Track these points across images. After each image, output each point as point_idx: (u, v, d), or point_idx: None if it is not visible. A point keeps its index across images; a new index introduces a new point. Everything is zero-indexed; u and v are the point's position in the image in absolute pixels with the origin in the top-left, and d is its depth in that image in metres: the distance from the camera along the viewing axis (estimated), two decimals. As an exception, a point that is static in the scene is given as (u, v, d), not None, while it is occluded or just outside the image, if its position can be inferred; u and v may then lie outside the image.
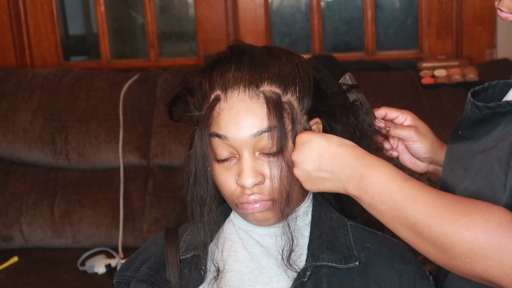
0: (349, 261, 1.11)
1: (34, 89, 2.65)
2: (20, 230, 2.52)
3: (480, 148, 1.04)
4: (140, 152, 2.58)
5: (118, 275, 1.24)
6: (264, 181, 1.08)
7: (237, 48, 1.13)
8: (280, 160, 1.07)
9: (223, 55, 1.12)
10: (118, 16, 3.18)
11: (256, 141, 1.07)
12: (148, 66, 2.93)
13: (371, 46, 2.86)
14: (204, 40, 2.90)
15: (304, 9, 2.99)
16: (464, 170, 1.05)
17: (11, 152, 2.62)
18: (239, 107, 1.06)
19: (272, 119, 1.06)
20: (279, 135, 1.06)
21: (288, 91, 1.09)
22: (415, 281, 1.11)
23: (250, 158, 1.07)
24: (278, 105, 1.06)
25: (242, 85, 1.07)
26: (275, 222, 1.12)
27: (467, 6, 2.71)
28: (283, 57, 1.12)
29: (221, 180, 1.10)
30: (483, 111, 1.05)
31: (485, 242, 0.92)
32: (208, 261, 1.16)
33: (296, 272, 1.10)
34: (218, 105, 1.08)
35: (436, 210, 0.96)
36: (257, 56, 1.10)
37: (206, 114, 1.08)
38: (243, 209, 1.10)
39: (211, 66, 1.12)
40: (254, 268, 1.14)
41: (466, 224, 0.94)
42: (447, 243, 0.95)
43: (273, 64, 1.09)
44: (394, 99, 2.53)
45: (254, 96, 1.07)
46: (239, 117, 1.06)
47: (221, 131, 1.07)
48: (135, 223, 2.51)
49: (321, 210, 1.17)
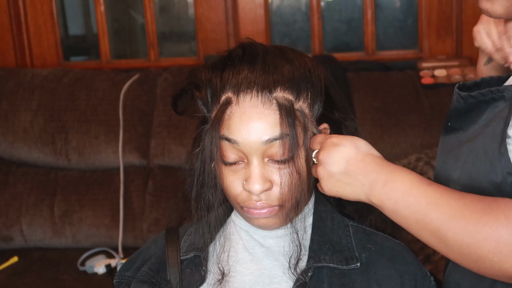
0: (351, 262, 1.11)
1: (34, 89, 2.64)
2: (20, 230, 2.52)
3: (467, 137, 1.05)
4: (140, 152, 2.58)
5: (119, 275, 1.24)
6: (272, 187, 1.07)
7: (249, 48, 1.11)
8: (291, 168, 1.06)
9: (234, 54, 1.10)
10: (118, 16, 3.18)
11: (267, 148, 1.05)
12: (148, 66, 2.92)
13: (371, 46, 2.86)
14: (204, 40, 2.90)
15: (304, 9, 2.98)
16: (455, 160, 1.06)
17: (11, 152, 2.62)
18: (251, 112, 1.05)
19: (285, 127, 1.04)
20: (291, 143, 1.05)
21: (300, 97, 1.08)
22: (416, 281, 1.11)
23: (259, 165, 1.06)
24: (291, 113, 1.05)
25: (255, 89, 1.05)
26: (279, 226, 1.12)
27: (467, 6, 2.71)
28: (296, 61, 1.10)
29: (227, 183, 1.09)
30: (467, 101, 1.06)
31: (509, 239, 0.92)
32: (209, 262, 1.16)
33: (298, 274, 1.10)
34: (230, 108, 1.06)
35: (460, 211, 0.96)
36: (271, 59, 1.08)
37: (217, 116, 1.07)
38: (248, 213, 1.10)
39: (222, 64, 1.10)
40: (255, 269, 1.14)
41: (489, 222, 0.93)
42: (473, 243, 0.95)
43: (287, 68, 1.08)
44: (394, 99, 2.53)
45: (266, 102, 1.05)
46: (250, 122, 1.05)
47: (232, 135, 1.06)
48: (135, 223, 2.51)
49: (323, 211, 1.17)
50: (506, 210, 0.93)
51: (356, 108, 2.53)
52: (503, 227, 0.92)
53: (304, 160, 1.08)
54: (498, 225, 0.93)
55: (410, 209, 1.00)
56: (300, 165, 1.07)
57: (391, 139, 2.49)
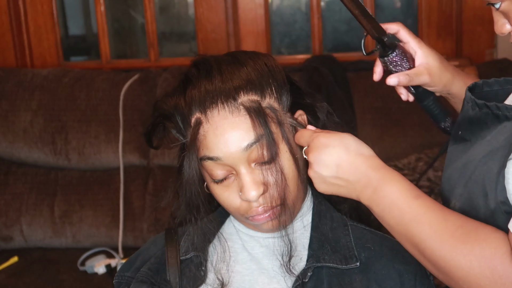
0: (350, 261, 1.11)
1: (34, 89, 2.64)
2: (20, 230, 2.52)
3: (474, 152, 1.03)
4: (140, 152, 2.58)
5: (118, 276, 1.23)
6: (267, 189, 1.07)
7: (202, 64, 1.11)
8: (278, 164, 1.07)
9: (190, 74, 1.11)
10: (118, 16, 3.18)
11: (249, 154, 1.06)
12: (148, 66, 2.92)
13: (371, 46, 2.85)
14: (204, 40, 2.90)
15: (304, 9, 2.98)
16: (459, 175, 1.04)
17: (11, 152, 2.62)
18: (223, 125, 1.05)
19: (259, 128, 1.05)
20: (268, 141, 1.05)
21: (265, 95, 1.08)
22: (415, 281, 1.11)
23: (248, 171, 1.06)
24: (260, 113, 1.05)
25: (219, 101, 1.06)
26: (288, 225, 1.12)
27: (467, 6, 2.71)
28: (250, 61, 1.10)
29: (223, 199, 1.10)
30: (482, 110, 1.03)
31: (480, 273, 0.92)
32: (208, 262, 1.16)
33: (297, 273, 1.10)
34: (202, 128, 1.07)
35: (439, 234, 0.96)
36: (225, 68, 1.09)
37: (192, 139, 1.07)
38: (255, 221, 1.10)
39: (182, 87, 1.10)
40: (254, 269, 1.14)
41: (463, 252, 0.94)
42: (446, 267, 0.96)
43: (244, 72, 1.08)
44: (394, 99, 2.51)
45: (234, 110, 1.06)
46: (225, 135, 1.05)
47: (212, 153, 1.06)
48: (135, 223, 2.51)
49: (322, 210, 1.17)
50: (483, 243, 0.93)
51: (356, 108, 2.53)
52: (476, 259, 0.92)
53: (289, 153, 1.08)
54: (471, 256, 0.93)
55: (394, 220, 1.01)
56: (286, 159, 1.08)
57: (391, 139, 2.50)
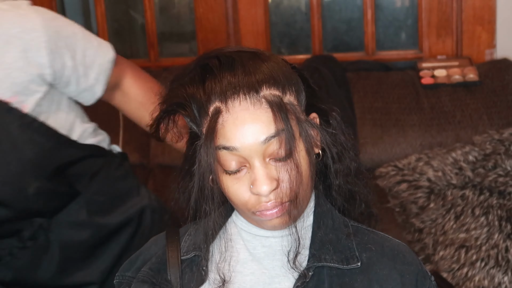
0: (351, 261, 1.11)
1: (34, 89, 2.64)
2: (20, 230, 2.52)
3: None
4: (140, 152, 2.58)
5: (119, 276, 1.23)
6: (279, 185, 1.07)
7: (224, 56, 1.10)
8: (293, 161, 1.06)
9: (211, 64, 1.10)
10: (118, 16, 3.18)
11: (266, 147, 1.05)
12: (148, 66, 2.92)
13: (371, 46, 2.86)
14: (204, 40, 2.90)
15: (304, 9, 2.99)
16: None
17: (11, 152, 2.62)
18: (244, 115, 1.05)
19: (279, 122, 1.04)
20: (287, 137, 1.05)
21: (286, 91, 1.08)
22: (416, 281, 1.11)
23: (262, 165, 1.06)
24: (282, 107, 1.05)
25: (241, 92, 1.05)
26: (289, 225, 1.12)
27: (467, 6, 2.71)
28: (272, 58, 1.11)
29: (232, 191, 1.09)
30: None
31: None
32: (210, 262, 1.16)
33: (299, 273, 1.10)
34: (221, 117, 1.06)
35: None
36: (248, 62, 1.08)
37: (210, 127, 1.06)
38: (262, 217, 1.09)
39: (201, 77, 1.09)
40: (256, 269, 1.14)
41: None
42: None
43: (266, 67, 1.08)
44: (394, 99, 2.53)
45: (256, 103, 1.05)
46: (245, 126, 1.04)
47: (229, 143, 1.05)
48: (135, 223, 2.50)
49: (323, 210, 1.17)
50: None
51: (356, 108, 2.53)
52: None
53: (305, 151, 1.08)
54: None
55: None
56: (302, 157, 1.07)
57: (391, 139, 2.50)
